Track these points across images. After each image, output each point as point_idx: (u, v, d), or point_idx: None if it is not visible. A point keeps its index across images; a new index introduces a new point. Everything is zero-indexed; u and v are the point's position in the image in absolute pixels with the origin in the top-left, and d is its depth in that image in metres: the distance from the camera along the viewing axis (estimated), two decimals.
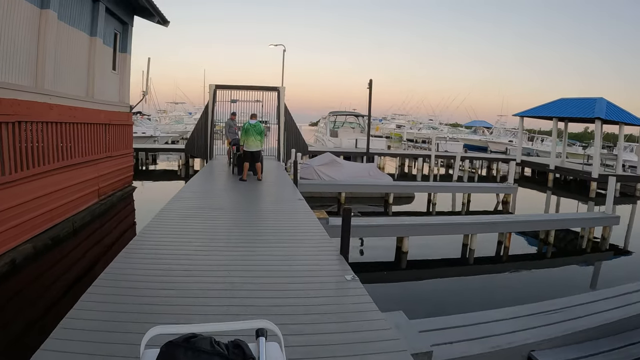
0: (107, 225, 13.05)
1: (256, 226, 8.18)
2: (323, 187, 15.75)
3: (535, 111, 30.66)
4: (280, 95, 20.77)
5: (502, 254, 11.49)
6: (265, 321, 1.96)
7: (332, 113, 37.71)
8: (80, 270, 9.19)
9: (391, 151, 33.58)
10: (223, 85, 20.63)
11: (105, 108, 14.46)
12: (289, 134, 21.52)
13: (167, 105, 70.77)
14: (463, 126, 72.60)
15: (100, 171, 13.86)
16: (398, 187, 16.77)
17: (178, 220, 8.11)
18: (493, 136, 50.97)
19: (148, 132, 36.45)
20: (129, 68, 17.07)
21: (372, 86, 26.95)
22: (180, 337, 1.80)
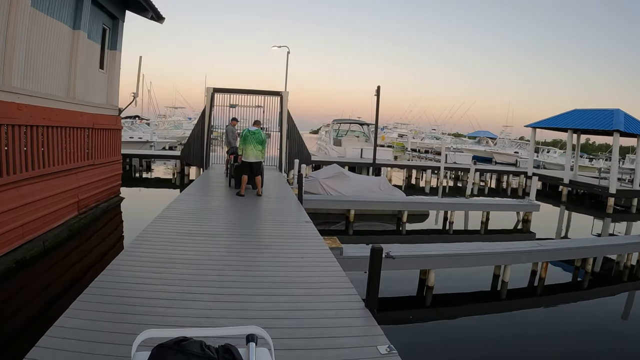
0: (86, 242, 11.50)
1: (253, 261, 6.45)
2: (330, 204, 14.16)
3: (549, 122, 29.24)
4: (284, 101, 19.26)
5: (537, 285, 10.00)
6: (256, 327, 1.96)
7: (335, 121, 36.33)
8: (45, 301, 7.64)
9: (399, 162, 32.06)
10: (222, 89, 19.11)
11: (88, 110, 12.94)
12: (292, 142, 20.00)
13: (167, 109, 69.49)
14: (466, 136, 71.26)
15: (81, 181, 12.32)
16: (412, 204, 15.18)
17: (159, 249, 6.56)
18: (498, 147, 49.53)
19: (144, 137, 35.03)
20: (119, 67, 15.55)
21: (379, 93, 25.48)
22: (171, 340, 1.83)
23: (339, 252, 7.51)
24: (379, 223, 15.12)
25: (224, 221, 9.00)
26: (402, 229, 14.76)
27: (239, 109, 19.10)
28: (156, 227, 7.80)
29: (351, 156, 30.11)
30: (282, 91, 19.45)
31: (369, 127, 35.07)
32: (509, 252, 9.47)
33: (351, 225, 14.18)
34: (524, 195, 26.10)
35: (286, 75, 23.52)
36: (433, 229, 15.43)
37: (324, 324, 4.38)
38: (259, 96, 19.27)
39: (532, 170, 28.60)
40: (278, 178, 16.32)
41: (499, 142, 53.45)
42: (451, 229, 15.24)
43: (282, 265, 6.23)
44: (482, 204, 16.36)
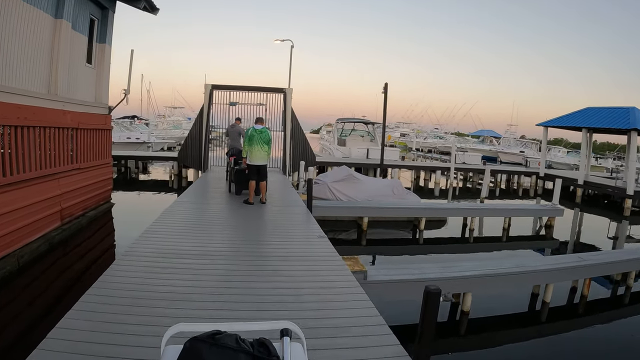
0: (68, 256, 10.26)
1: (257, 294, 5.09)
2: (341, 211, 12.85)
3: (561, 121, 27.95)
4: (287, 98, 17.97)
5: (579, 303, 8.81)
6: (289, 322, 1.92)
7: (339, 120, 35.08)
8: (18, 330, 6.40)
9: (407, 163, 30.76)
10: (221, 86, 17.82)
11: (73, 108, 11.68)
12: (296, 142, 18.71)
13: (166, 109, 68.31)
14: (469, 135, 69.92)
15: (64, 187, 11.07)
16: (430, 211, 13.87)
17: (140, 275, 5.29)
18: (503, 146, 48.26)
19: (142, 138, 33.80)
20: (109, 62, 14.28)
21: (387, 90, 24.19)
22: (205, 333, 1.79)
23: (362, 276, 6.24)
24: (394, 230, 13.86)
25: (222, 238, 7.61)
26: (420, 237, 13.49)
27: (240, 108, 17.83)
28: (140, 247, 6.52)
29: (356, 156, 28.87)
30: (285, 88, 18.15)
31: (374, 126, 33.80)
32: (551, 270, 8.19)
33: (364, 234, 12.90)
34: (536, 196, 25.15)
35: (290, 71, 22.33)
36: (452, 236, 14.15)
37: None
38: (260, 93, 17.99)
39: (544, 171, 27.38)
40: (282, 181, 15.06)
41: (504, 142, 52.19)
42: (472, 237, 13.98)
43: (294, 299, 4.97)
44: (503, 209, 15.05)
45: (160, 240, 6.94)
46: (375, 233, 13.23)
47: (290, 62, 22.25)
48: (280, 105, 18.12)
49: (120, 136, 32.49)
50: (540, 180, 27.40)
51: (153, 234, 7.28)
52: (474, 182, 28.31)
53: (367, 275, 6.29)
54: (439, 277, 6.84)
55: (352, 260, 6.62)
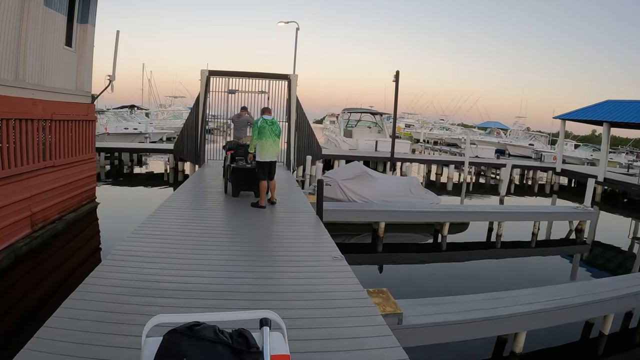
0: (39, 267, 8.78)
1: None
2: (355, 215, 11.24)
3: (580, 114, 26.35)
4: (292, 86, 16.32)
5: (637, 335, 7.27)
6: (269, 311, 1.90)
7: (346, 110, 33.48)
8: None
9: (418, 156, 29.12)
10: (218, 72, 16.17)
11: (46, 97, 10.16)
12: (301, 134, 17.12)
13: (166, 99, 66.77)
14: (476, 127, 68.17)
15: (34, 189, 9.57)
16: (455, 215, 12.21)
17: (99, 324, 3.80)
18: (511, 138, 46.56)
19: (140, 128, 32.27)
20: (92, 45, 12.70)
21: (399, 79, 22.60)
22: (184, 325, 1.77)
23: (396, 320, 4.69)
24: (412, 234, 12.33)
25: (211, 263, 5.80)
26: (442, 242, 11.93)
27: (240, 96, 16.24)
28: (102, 277, 4.97)
29: (364, 149, 27.27)
30: (289, 74, 16.51)
31: (382, 117, 32.17)
32: (616, 298, 6.66)
33: (380, 241, 11.35)
34: (552, 193, 23.61)
35: (295, 55, 20.41)
36: (476, 241, 12.63)
37: None
38: (262, 80, 16.35)
39: (561, 166, 25.80)
40: (286, 178, 13.47)
41: (512, 134, 50.44)
42: (499, 242, 12.44)
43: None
44: (531, 212, 13.39)
45: (130, 268, 5.37)
46: (392, 237, 11.69)
47: (295, 45, 20.47)
48: (283, 93, 16.50)
49: (117, 126, 31.15)
50: (556, 176, 25.90)
51: (122, 259, 5.69)
52: (487, 177, 26.73)
53: (401, 319, 4.73)
54: (489, 317, 5.30)
55: (382, 296, 5.05)
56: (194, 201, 9.71)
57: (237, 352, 1.73)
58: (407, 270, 10.05)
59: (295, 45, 20.45)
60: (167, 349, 1.72)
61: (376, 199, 12.54)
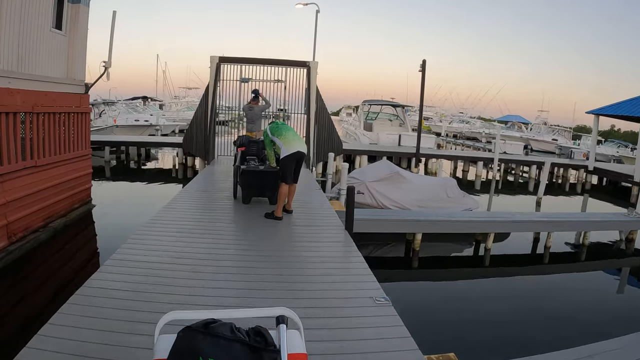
0: (13, 290, 7.34)
1: None
2: (388, 225, 9.41)
3: (615, 109, 24.38)
4: (312, 74, 14.67)
5: None
6: (285, 309, 1.86)
7: (366, 102, 31.83)
8: None
9: (444, 152, 27.32)
10: (229, 58, 14.54)
11: (26, 86, 8.67)
12: (320, 127, 15.50)
13: (180, 90, 65.81)
14: (495, 121, 66.06)
15: (11, 194, 8.12)
16: (500, 225, 10.41)
17: None
18: (534, 133, 44.59)
19: (151, 120, 30.97)
20: (86, 27, 11.21)
21: (425, 68, 20.90)
22: (199, 322, 1.72)
23: None
24: (450, 244, 10.71)
25: (209, 300, 4.33)
26: (485, 256, 10.29)
27: (254, 85, 14.66)
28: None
29: (385, 143, 25.62)
30: (309, 61, 14.86)
31: (403, 109, 30.45)
32: None
33: (416, 255, 9.73)
34: (584, 192, 21.86)
35: (315, 41, 18.75)
36: (522, 254, 10.98)
37: None
38: (279, 68, 14.74)
39: (593, 164, 23.94)
40: (304, 177, 11.78)
41: (535, 128, 48.40)
42: (547, 255, 10.77)
43: None
44: (581, 221, 11.62)
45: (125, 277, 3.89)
46: (427, 249, 10.07)
47: (315, 29, 18.77)
48: (302, 82, 14.87)
49: (127, 118, 29.92)
50: (589, 175, 24.01)
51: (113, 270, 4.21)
52: (516, 174, 24.96)
53: None
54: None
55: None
56: (196, 209, 8.08)
57: (255, 350, 1.67)
58: (450, 293, 8.43)
59: (315, 28, 18.81)
60: (182, 347, 1.68)
61: (409, 204, 10.92)
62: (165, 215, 7.33)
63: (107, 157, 20.68)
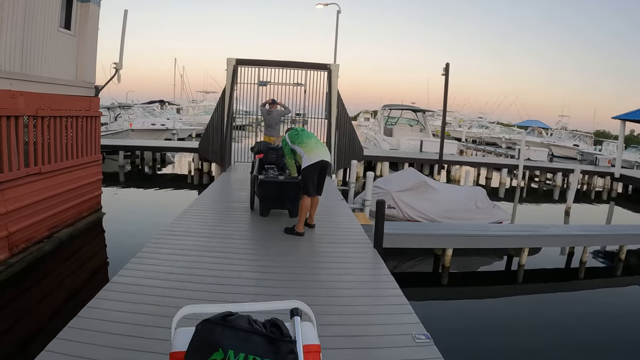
0: (13, 304, 6.77)
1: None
2: (417, 240, 8.53)
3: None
4: (333, 77, 14.00)
5: None
6: (298, 302, 1.89)
7: (385, 106, 31.10)
8: None
9: (468, 158, 26.42)
10: (247, 61, 13.92)
11: (32, 88, 8.14)
12: (341, 133, 14.82)
13: (198, 94, 65.67)
14: (515, 126, 64.94)
15: (12, 203, 7.57)
16: (534, 239, 9.52)
17: None
18: (554, 138, 43.42)
19: (168, 125, 30.58)
20: (96, 28, 10.68)
21: (448, 72, 20.15)
22: (217, 315, 1.76)
23: None
24: (480, 257, 9.94)
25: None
26: (519, 272, 9.51)
27: (272, 89, 14.05)
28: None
29: (406, 148, 24.82)
30: (330, 64, 14.16)
31: (424, 114, 29.64)
32: None
33: (446, 271, 8.97)
34: (610, 200, 20.90)
35: (336, 42, 17.93)
36: (555, 268, 10.18)
37: None
38: (298, 71, 14.10)
39: (620, 171, 22.91)
40: (325, 186, 11.14)
41: (555, 134, 47.15)
42: (582, 270, 9.96)
43: None
44: (620, 234, 10.76)
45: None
46: (457, 263, 9.31)
47: (336, 30, 17.96)
48: (322, 86, 14.20)
49: (144, 122, 29.58)
50: (616, 183, 22.91)
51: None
52: (540, 181, 24.02)
53: None
54: None
55: None
56: (209, 222, 7.42)
57: (273, 341, 1.70)
58: (485, 314, 7.68)
59: (337, 29, 17.99)
60: (201, 339, 1.70)
61: (437, 215, 10.19)
62: (176, 229, 6.71)
63: (122, 161, 20.22)
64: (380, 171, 20.67)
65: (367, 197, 9.62)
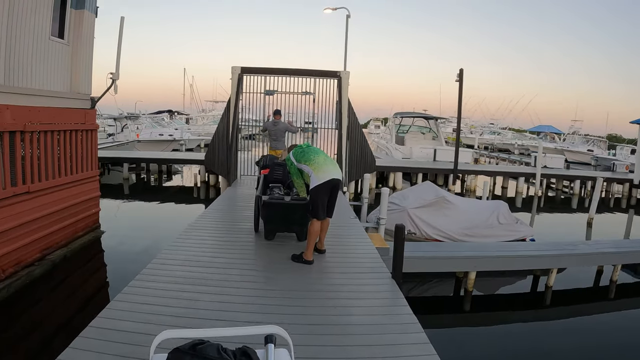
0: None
1: None
2: (437, 264, 7.72)
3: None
4: (343, 85, 13.31)
5: None
6: (275, 327, 1.88)
7: (397, 114, 30.46)
8: None
9: (483, 167, 25.61)
10: (252, 69, 13.24)
11: (20, 101, 7.56)
12: (353, 143, 14.13)
13: (207, 104, 65.36)
14: (527, 131, 63.98)
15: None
16: (564, 259, 8.70)
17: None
18: (567, 144, 42.48)
19: (175, 135, 30.13)
20: (91, 36, 10.11)
21: (462, 78, 19.44)
22: (187, 343, 1.76)
23: None
24: (503, 278, 9.18)
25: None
26: (546, 294, 8.76)
27: (279, 98, 13.40)
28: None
29: (418, 157, 24.13)
30: (340, 71, 13.45)
31: (436, 121, 28.92)
32: None
33: (469, 295, 8.23)
34: (629, 208, 20.04)
35: (345, 48, 17.16)
36: (583, 287, 9.37)
37: None
38: (307, 79, 13.42)
39: (639, 177, 22.04)
40: (337, 202, 10.48)
41: (569, 139, 46.15)
42: (613, 289, 9.19)
43: None
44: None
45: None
46: (478, 284, 8.57)
47: (346, 36, 17.20)
48: (332, 94, 13.50)
49: (151, 133, 29.17)
50: (634, 189, 22.12)
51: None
52: (558, 190, 23.17)
53: None
54: None
55: None
56: (208, 247, 6.64)
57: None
58: (514, 343, 6.95)
59: (346, 35, 17.24)
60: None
61: (457, 233, 9.46)
62: (171, 257, 6.03)
63: (126, 174, 19.71)
64: (393, 182, 19.93)
65: (382, 214, 8.90)
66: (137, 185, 19.84)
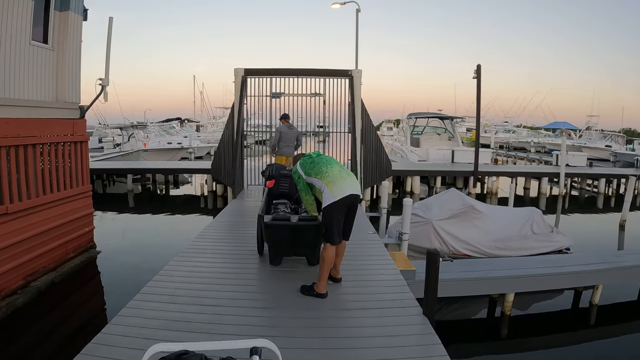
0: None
1: None
2: (472, 286, 6.67)
3: None
4: (355, 84, 12.33)
5: None
6: (264, 340, 1.87)
7: (411, 115, 29.47)
8: None
9: (504, 168, 24.49)
10: (256, 70, 12.31)
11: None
12: (367, 147, 13.16)
13: (217, 110, 64.76)
14: (542, 129, 62.57)
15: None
16: (613, 273, 7.68)
17: None
18: (584, 140, 41.16)
19: (184, 143, 29.39)
20: (79, 40, 9.26)
21: (480, 74, 18.40)
22: (172, 354, 1.78)
23: None
24: (539, 295, 8.15)
25: None
26: (591, 312, 7.75)
27: (287, 101, 12.47)
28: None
29: (435, 159, 23.07)
30: (351, 70, 12.48)
31: (452, 121, 27.84)
32: None
33: (506, 319, 7.23)
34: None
35: (356, 45, 16.04)
36: (625, 302, 8.31)
37: None
38: (315, 79, 12.45)
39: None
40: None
41: (586, 135, 44.76)
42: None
43: None
44: None
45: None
46: (515, 305, 7.56)
47: (356, 31, 16.08)
48: (344, 95, 12.51)
49: (159, 141, 28.43)
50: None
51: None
52: (582, 189, 22.02)
53: None
54: None
55: None
56: (202, 281, 5.51)
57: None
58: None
59: (357, 30, 16.14)
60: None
61: (487, 247, 8.45)
62: (158, 291, 5.12)
63: (130, 185, 18.93)
64: (410, 186, 18.90)
65: (405, 229, 7.91)
66: (142, 196, 19.11)
